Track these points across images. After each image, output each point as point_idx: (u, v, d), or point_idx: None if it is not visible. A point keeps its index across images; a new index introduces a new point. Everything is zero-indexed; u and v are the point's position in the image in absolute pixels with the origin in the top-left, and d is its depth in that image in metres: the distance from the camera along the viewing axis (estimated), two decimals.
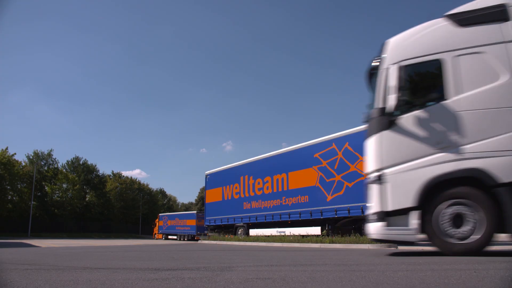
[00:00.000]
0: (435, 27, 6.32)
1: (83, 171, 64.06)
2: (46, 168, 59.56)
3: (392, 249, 8.87)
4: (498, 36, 5.85)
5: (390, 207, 5.95)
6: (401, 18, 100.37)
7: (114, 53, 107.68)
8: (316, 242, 13.69)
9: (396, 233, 5.92)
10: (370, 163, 6.36)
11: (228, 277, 3.37)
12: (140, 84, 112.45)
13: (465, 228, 5.55)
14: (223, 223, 22.10)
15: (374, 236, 6.24)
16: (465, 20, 6.09)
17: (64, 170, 61.47)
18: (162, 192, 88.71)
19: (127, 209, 67.37)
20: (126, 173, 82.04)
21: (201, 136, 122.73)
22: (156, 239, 43.32)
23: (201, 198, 71.80)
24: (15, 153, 51.51)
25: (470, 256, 5.29)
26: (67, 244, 17.60)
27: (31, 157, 58.79)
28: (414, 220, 5.75)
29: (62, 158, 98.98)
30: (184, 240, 35.37)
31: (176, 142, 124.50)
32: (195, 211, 37.95)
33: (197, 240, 32.02)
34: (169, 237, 39.96)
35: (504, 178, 5.39)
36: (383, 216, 5.98)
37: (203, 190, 44.49)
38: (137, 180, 76.34)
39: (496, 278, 3.19)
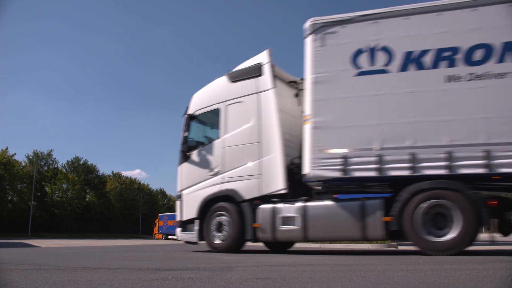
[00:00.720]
0: (219, 83, 8.50)
1: (83, 171, 63.94)
2: (46, 168, 59.46)
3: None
4: (253, 88, 7.82)
5: (184, 218, 8.29)
6: None
7: (114, 53, 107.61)
8: (316, 243, 13.64)
9: (187, 236, 8.23)
10: (177, 185, 8.60)
11: (228, 277, 3.37)
12: (140, 84, 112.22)
13: (223, 232, 7.67)
14: None
15: (178, 239, 8.63)
16: (235, 77, 8.18)
17: (64, 170, 61.29)
18: (162, 192, 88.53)
19: (127, 209, 67.23)
20: (126, 173, 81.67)
21: None
22: (156, 239, 43.25)
23: None
24: (15, 153, 51.00)
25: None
26: (67, 244, 17.60)
27: (31, 157, 58.67)
28: (196, 227, 7.97)
29: (62, 158, 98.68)
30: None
31: (176, 142, 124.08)
32: None
33: None
34: (169, 237, 39.86)
35: (246, 195, 7.52)
36: (181, 224, 8.33)
37: None
38: (137, 180, 76.16)
39: (496, 278, 3.19)
